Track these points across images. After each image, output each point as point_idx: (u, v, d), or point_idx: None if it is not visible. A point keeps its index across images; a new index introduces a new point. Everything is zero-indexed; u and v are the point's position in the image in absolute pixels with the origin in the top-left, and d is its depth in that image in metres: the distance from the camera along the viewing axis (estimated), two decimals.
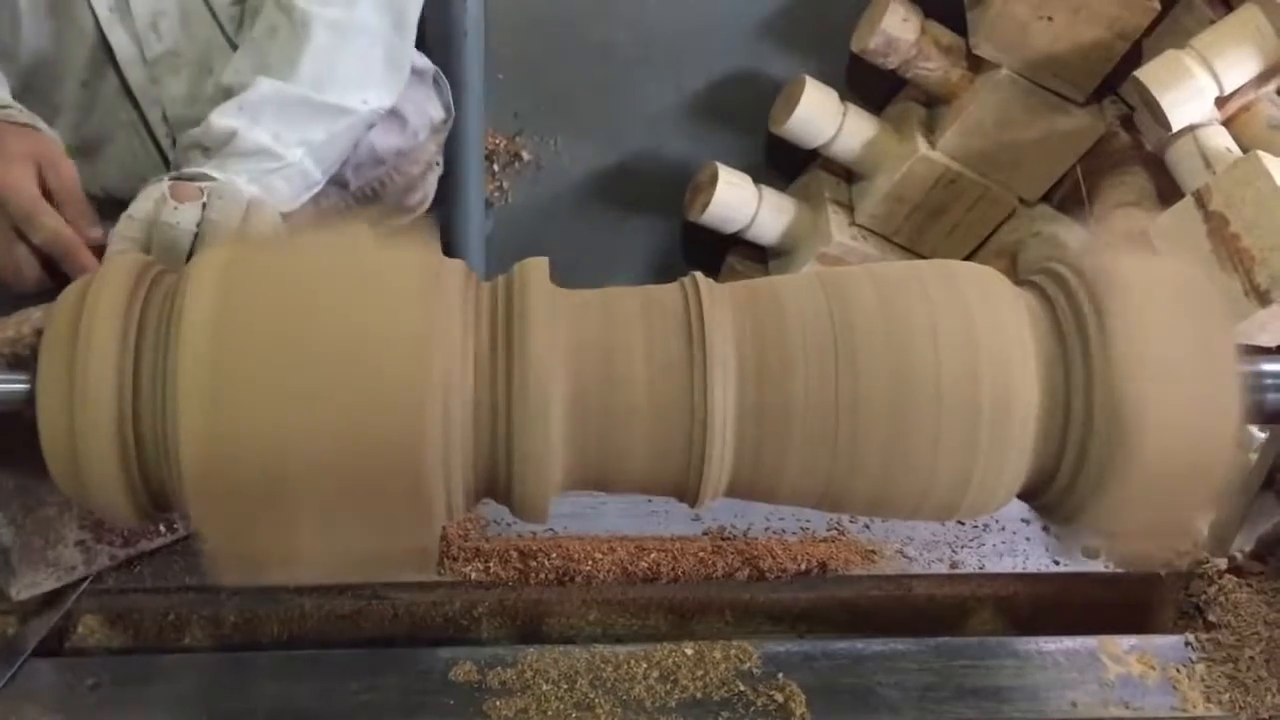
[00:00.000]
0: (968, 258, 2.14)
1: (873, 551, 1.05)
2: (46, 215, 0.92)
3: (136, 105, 1.22)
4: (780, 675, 0.93)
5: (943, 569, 1.05)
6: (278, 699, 0.90)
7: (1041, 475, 0.81)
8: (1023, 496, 0.85)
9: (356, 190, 1.35)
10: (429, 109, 1.45)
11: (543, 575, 1.00)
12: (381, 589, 1.00)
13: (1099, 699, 0.93)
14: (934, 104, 2.09)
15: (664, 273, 2.33)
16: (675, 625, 1.04)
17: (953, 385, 0.77)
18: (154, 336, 0.73)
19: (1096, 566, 1.06)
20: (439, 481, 0.75)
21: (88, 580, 0.95)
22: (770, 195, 2.13)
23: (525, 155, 2.19)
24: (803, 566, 1.03)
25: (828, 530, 1.08)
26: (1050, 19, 1.86)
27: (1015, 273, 0.87)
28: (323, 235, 0.80)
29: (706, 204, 2.08)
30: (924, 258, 2.14)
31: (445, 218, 1.82)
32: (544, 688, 0.91)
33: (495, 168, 2.18)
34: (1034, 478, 0.82)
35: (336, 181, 1.28)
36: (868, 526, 1.09)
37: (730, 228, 2.13)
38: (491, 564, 1.01)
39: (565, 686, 0.91)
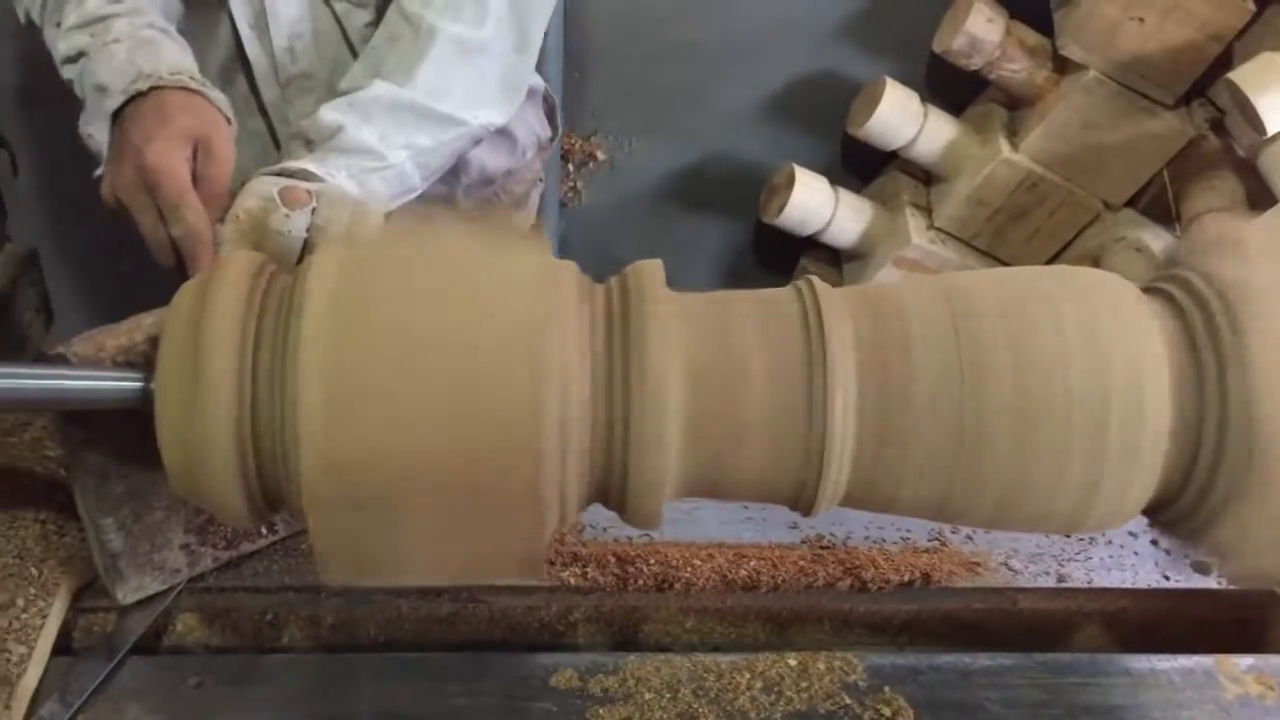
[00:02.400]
0: (1048, 263, 2.11)
1: (977, 563, 1.03)
2: (189, 210, 0.92)
3: (266, 116, 1.23)
4: (886, 689, 0.91)
5: (1049, 582, 1.02)
6: (378, 701, 0.89)
7: (1167, 492, 0.79)
8: (1144, 512, 0.82)
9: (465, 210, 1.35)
10: (537, 128, 1.45)
11: (641, 581, 0.99)
12: (478, 592, 0.99)
13: None
14: (1016, 106, 2.06)
15: (736, 274, 2.31)
16: (773, 635, 1.02)
17: (1083, 396, 0.74)
18: (271, 337, 0.73)
19: (1209, 583, 1.03)
20: (554, 486, 0.73)
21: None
22: (847, 197, 2.11)
23: (600, 155, 2.18)
24: (906, 577, 1.00)
25: (929, 540, 1.06)
26: (1141, 20, 1.82)
27: None
28: (437, 234, 0.79)
29: (783, 206, 2.05)
30: (1003, 262, 2.11)
31: None
32: (646, 696, 0.89)
33: (570, 167, 2.17)
34: (1159, 494, 0.79)
35: (445, 200, 1.28)
36: (970, 537, 1.06)
37: (806, 230, 2.11)
38: (589, 569, 0.99)
39: (668, 696, 0.89)
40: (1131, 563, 1.05)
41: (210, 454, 0.72)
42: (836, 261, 2.24)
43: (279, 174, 0.98)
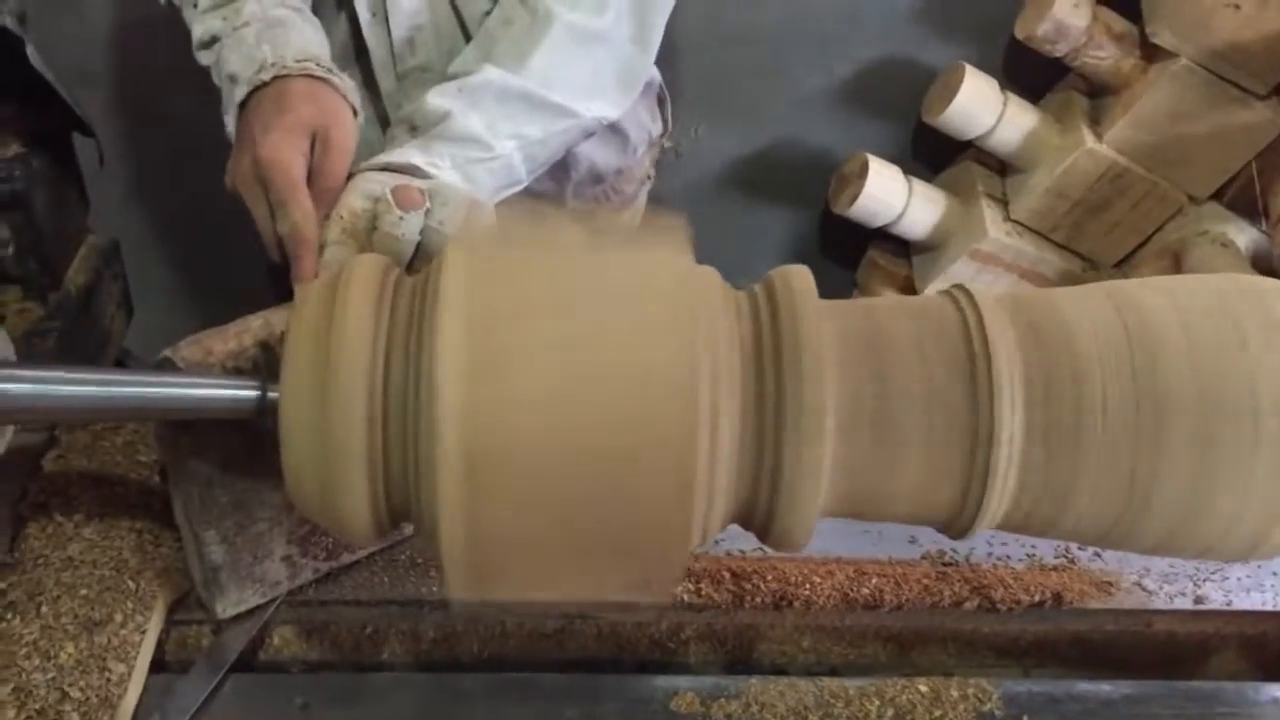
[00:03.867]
0: (1129, 257, 2.04)
1: (1109, 583, 0.98)
2: (296, 208, 0.87)
3: (381, 103, 1.19)
4: (1025, 718, 0.86)
5: (1185, 603, 0.97)
6: None
7: None
8: None
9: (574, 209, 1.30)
10: (649, 123, 1.39)
11: (758, 599, 0.94)
12: (586, 608, 0.94)
13: None
14: (1097, 94, 1.99)
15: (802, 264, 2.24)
16: (894, 656, 0.97)
17: (1272, 404, 0.69)
18: (404, 346, 0.68)
19: None
20: (699, 518, 0.69)
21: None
22: (921, 188, 2.04)
23: (666, 142, 2.11)
24: (1036, 598, 0.95)
25: (1056, 558, 1.00)
26: (1237, 6, 1.75)
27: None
28: (570, 239, 0.73)
29: (855, 196, 1.99)
30: (1082, 256, 2.05)
31: None
32: None
33: None
34: None
35: (554, 199, 1.23)
36: (1098, 555, 1.01)
37: (877, 221, 2.04)
38: (703, 585, 0.95)
39: None
40: (1271, 584, 0.99)
41: (341, 464, 0.67)
42: (906, 253, 2.18)
43: (384, 169, 0.93)
